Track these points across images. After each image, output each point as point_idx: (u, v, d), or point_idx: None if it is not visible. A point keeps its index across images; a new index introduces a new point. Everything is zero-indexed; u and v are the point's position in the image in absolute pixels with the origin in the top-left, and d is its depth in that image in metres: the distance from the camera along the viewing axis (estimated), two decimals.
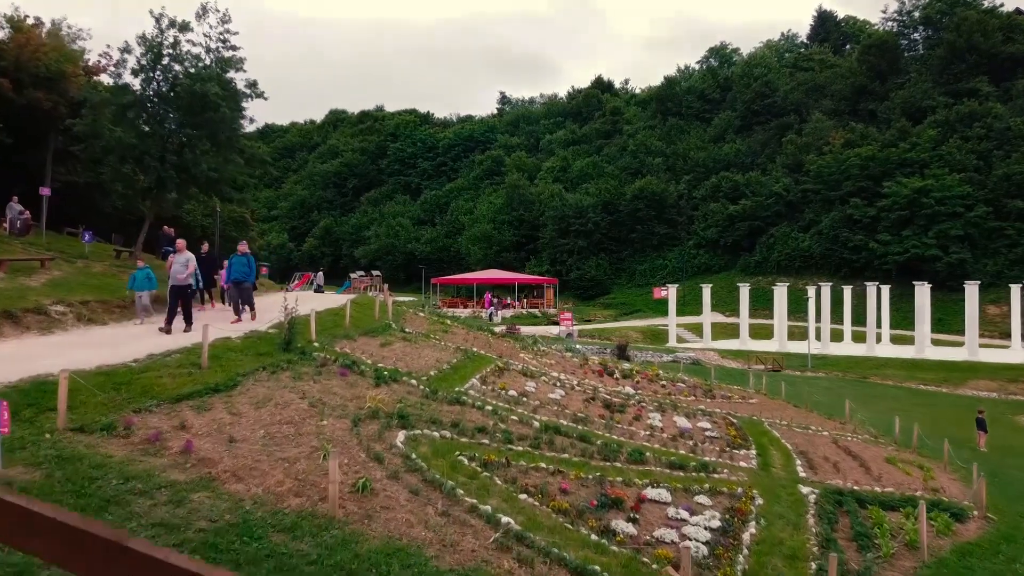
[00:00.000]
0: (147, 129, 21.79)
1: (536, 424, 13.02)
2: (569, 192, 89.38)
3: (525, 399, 15.25)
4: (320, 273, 44.05)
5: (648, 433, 14.58)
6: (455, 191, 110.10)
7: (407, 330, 19.90)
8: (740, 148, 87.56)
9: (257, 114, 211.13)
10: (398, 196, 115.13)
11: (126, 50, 21.07)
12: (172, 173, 20.94)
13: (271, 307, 16.61)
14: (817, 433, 17.70)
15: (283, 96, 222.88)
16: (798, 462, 14.09)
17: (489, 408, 13.36)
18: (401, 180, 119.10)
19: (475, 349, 20.11)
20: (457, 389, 14.50)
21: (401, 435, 10.65)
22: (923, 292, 43.45)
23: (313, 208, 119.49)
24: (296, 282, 65.83)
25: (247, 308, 17.09)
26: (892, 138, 70.75)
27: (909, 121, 72.58)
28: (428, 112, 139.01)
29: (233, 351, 13.33)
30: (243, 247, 17.36)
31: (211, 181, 22.06)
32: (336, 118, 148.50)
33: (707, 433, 15.38)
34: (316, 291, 39.45)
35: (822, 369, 40.16)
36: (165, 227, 27.27)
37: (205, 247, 19.23)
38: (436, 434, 11.15)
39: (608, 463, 11.83)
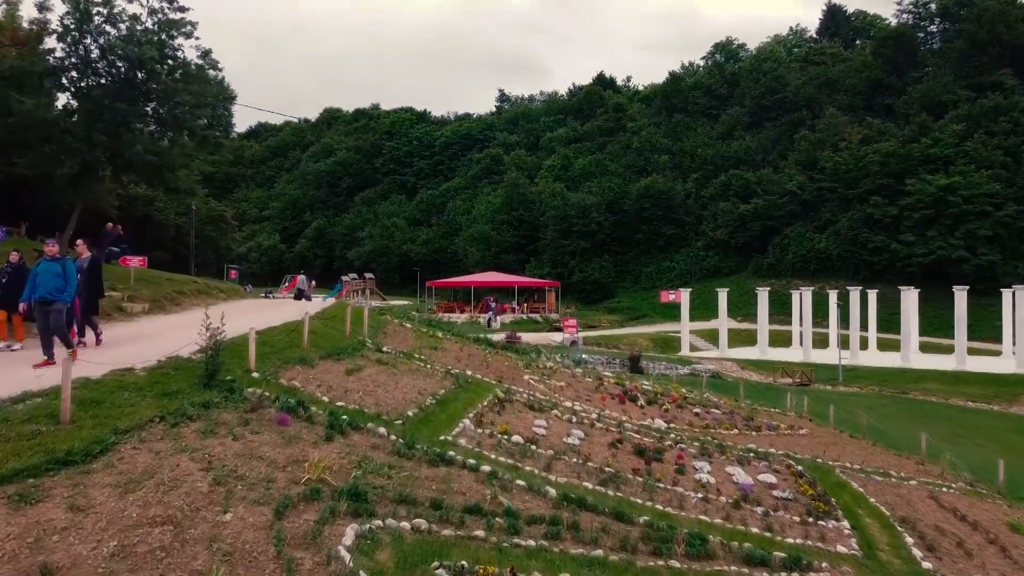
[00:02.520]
0: (73, 103, 18.03)
1: (552, 493, 9.24)
2: (571, 191, 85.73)
3: (534, 447, 11.49)
4: (303, 277, 39.93)
5: (701, 496, 10.81)
6: (452, 191, 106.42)
7: (385, 349, 16.12)
8: (750, 145, 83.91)
9: (250, 113, 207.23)
10: (393, 196, 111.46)
11: (44, 6, 17.28)
12: (100, 156, 17.16)
13: (191, 324, 12.31)
14: (903, 482, 13.96)
15: (277, 94, 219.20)
16: (908, 539, 10.34)
17: (486, 469, 9.57)
18: (396, 179, 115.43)
19: (469, 372, 16.35)
20: (443, 437, 10.73)
21: (350, 532, 6.87)
22: (960, 298, 39.79)
23: (306, 208, 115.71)
24: (286, 285, 62.10)
25: (61, 343, 11.55)
26: (912, 134, 67.07)
27: (929, 116, 68.86)
28: (425, 110, 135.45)
29: (127, 390, 9.51)
30: (52, 247, 11.72)
31: (151, 167, 18.26)
32: (331, 116, 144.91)
33: (775, 493, 11.61)
34: (297, 298, 35.58)
35: (854, 383, 36.40)
36: (109, 223, 23.57)
37: (15, 256, 13.01)
38: (406, 525, 7.37)
39: (661, 561, 8.07)
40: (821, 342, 48.94)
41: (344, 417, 10.10)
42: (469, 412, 12.53)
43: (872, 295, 48.69)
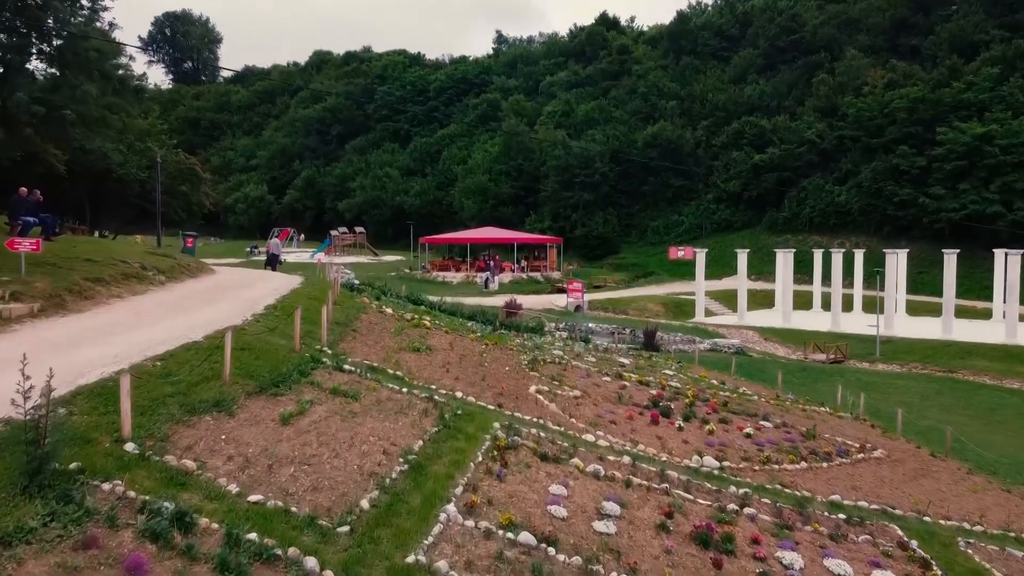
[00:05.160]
0: None
1: None
2: (573, 139, 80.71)
3: (551, 550, 7.69)
4: (276, 240, 35.69)
5: None
6: (447, 138, 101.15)
7: (347, 366, 12.18)
8: (764, 90, 78.75)
9: (237, 57, 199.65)
10: (386, 144, 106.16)
11: None
12: None
13: (95, 335, 6.15)
14: None
15: (265, 37, 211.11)
16: None
17: None
18: (389, 126, 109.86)
19: (459, 394, 12.49)
20: (411, 559, 6.84)
21: None
22: (1013, 263, 35.82)
23: (295, 157, 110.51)
24: (272, 240, 57.93)
25: None
26: (942, 77, 62.01)
27: (960, 58, 63.69)
28: (419, 53, 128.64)
29: None
30: None
31: (44, 120, 14.07)
32: (320, 60, 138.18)
33: None
34: (268, 265, 31.46)
35: (894, 359, 32.71)
36: (22, 188, 19.47)
37: None
38: None
39: None
40: (845, 305, 45.16)
41: (251, 536, 6.25)
42: (457, 483, 8.69)
43: (903, 255, 44.71)
